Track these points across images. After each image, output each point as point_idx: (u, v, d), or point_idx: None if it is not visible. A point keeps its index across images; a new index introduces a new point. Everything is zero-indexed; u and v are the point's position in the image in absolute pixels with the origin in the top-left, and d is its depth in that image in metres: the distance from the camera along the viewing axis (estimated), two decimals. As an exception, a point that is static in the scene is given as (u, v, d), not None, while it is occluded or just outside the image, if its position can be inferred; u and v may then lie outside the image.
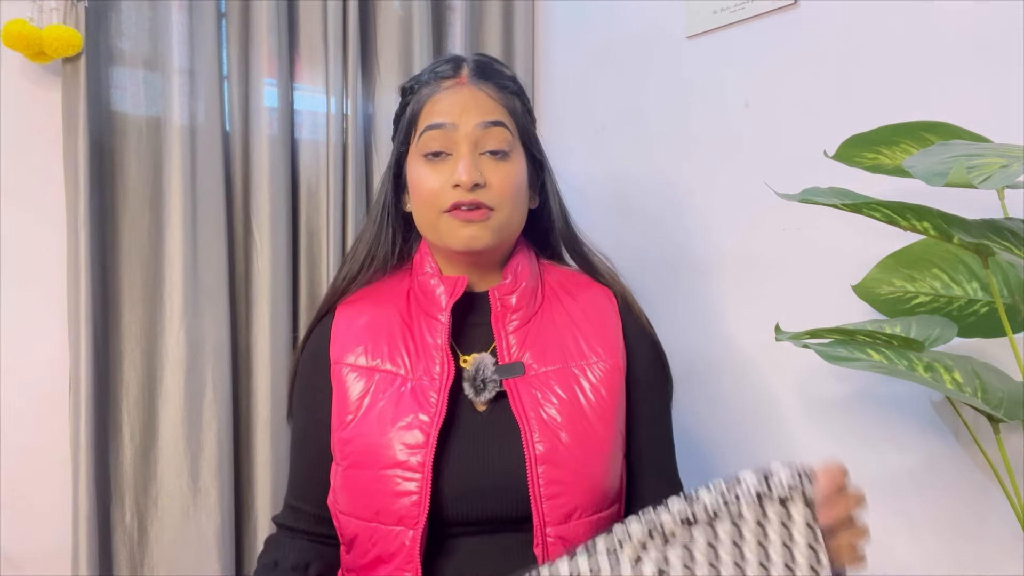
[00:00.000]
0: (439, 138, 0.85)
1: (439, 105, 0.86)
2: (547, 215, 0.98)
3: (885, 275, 0.99)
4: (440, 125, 0.85)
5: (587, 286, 0.97)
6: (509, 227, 0.89)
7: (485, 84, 0.88)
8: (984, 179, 0.61)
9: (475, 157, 0.85)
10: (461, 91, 0.87)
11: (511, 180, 0.86)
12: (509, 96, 0.89)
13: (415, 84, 0.91)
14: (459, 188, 0.84)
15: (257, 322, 1.36)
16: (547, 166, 0.96)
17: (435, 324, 0.90)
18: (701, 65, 1.32)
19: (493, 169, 0.85)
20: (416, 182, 0.88)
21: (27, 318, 1.24)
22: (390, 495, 0.83)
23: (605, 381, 0.88)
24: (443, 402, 0.85)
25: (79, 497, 1.20)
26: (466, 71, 0.89)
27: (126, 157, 1.28)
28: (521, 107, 0.91)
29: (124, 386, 1.28)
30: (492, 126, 0.85)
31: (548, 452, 0.83)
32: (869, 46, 1.08)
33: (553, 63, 1.64)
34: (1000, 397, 0.81)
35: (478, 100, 0.86)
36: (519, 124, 0.89)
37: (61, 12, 1.18)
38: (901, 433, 1.06)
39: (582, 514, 0.84)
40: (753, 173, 1.22)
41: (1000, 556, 0.96)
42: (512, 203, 0.87)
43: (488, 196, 0.85)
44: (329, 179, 1.40)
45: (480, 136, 0.85)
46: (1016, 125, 0.92)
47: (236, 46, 1.36)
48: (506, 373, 0.88)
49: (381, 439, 0.84)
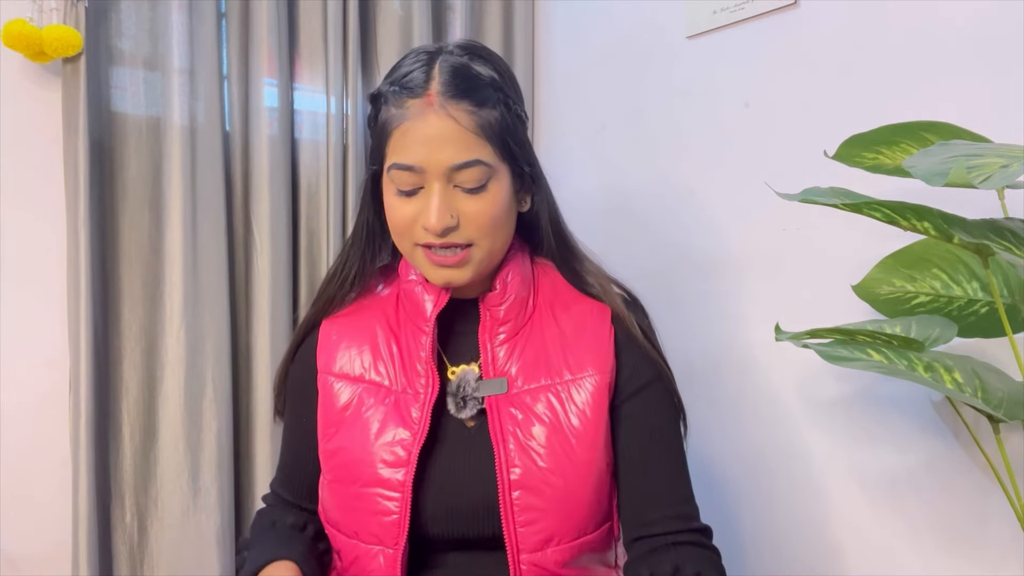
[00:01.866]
0: (408, 178, 0.79)
1: (407, 138, 0.78)
2: (537, 220, 0.91)
3: (885, 275, 0.98)
4: (408, 167, 0.78)
5: (580, 298, 0.92)
6: (492, 256, 0.84)
7: (457, 106, 0.77)
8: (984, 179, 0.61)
9: (446, 194, 0.78)
10: (428, 119, 0.77)
11: (488, 213, 0.80)
12: (487, 111, 0.78)
13: (386, 92, 0.81)
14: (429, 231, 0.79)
15: (257, 322, 1.36)
16: (537, 173, 0.88)
17: (420, 334, 0.87)
18: (701, 65, 1.32)
19: (468, 203, 0.79)
20: (389, 211, 0.83)
21: (27, 318, 1.24)
22: (370, 513, 0.82)
23: (592, 401, 0.84)
24: (426, 419, 0.83)
25: (79, 497, 1.20)
26: (435, 86, 0.77)
27: (126, 157, 1.28)
28: (504, 115, 0.80)
29: (124, 386, 1.28)
30: (465, 167, 0.77)
31: (523, 477, 0.80)
32: (869, 46, 1.08)
33: (553, 63, 1.64)
34: (1000, 397, 0.81)
35: (447, 133, 0.76)
36: (499, 143, 0.80)
37: (61, 12, 1.18)
38: (901, 433, 1.06)
39: (560, 540, 0.81)
40: (753, 173, 1.22)
41: (1000, 556, 0.96)
42: (492, 234, 0.82)
43: (463, 234, 0.80)
44: (329, 179, 1.41)
45: (452, 174, 0.78)
46: (1016, 125, 0.92)
47: (236, 46, 1.36)
48: (488, 390, 0.85)
49: (363, 455, 0.83)
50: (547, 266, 0.95)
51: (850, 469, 1.11)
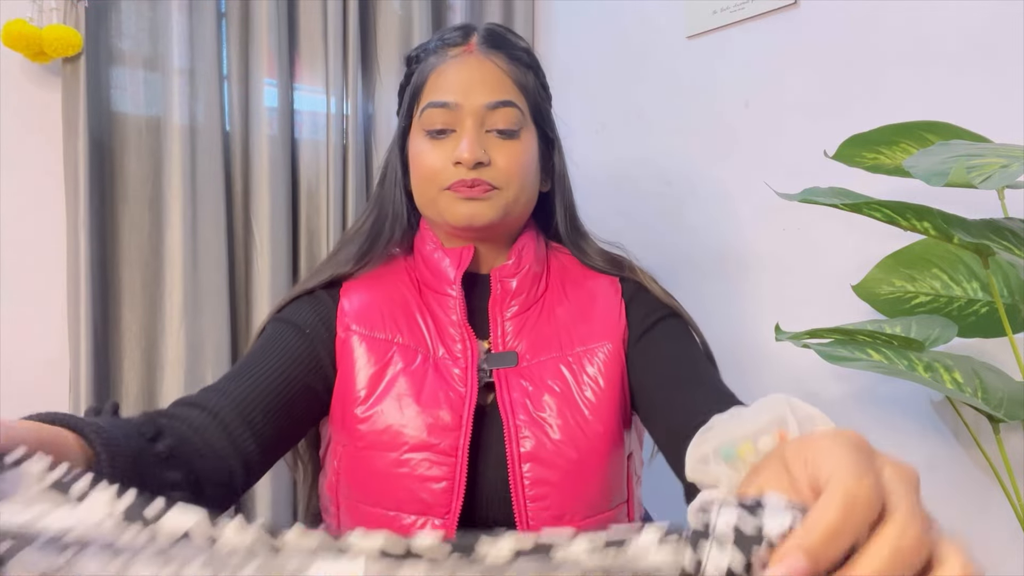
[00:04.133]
0: (442, 116, 0.80)
1: (443, 79, 0.81)
2: (552, 203, 0.91)
3: (885, 275, 0.99)
4: (443, 104, 0.79)
5: (592, 274, 0.91)
6: (516, 207, 0.83)
7: (495, 54, 0.82)
8: (984, 179, 0.62)
9: (480, 135, 0.79)
10: (468, 61, 0.81)
11: (519, 159, 0.80)
12: (522, 69, 0.83)
13: (421, 52, 0.86)
14: (460, 166, 0.79)
15: (257, 322, 1.36)
16: (559, 146, 0.89)
17: (446, 300, 0.84)
18: (701, 65, 1.32)
19: (499, 148, 0.80)
20: (416, 157, 0.82)
21: (27, 318, 1.24)
22: (417, 480, 0.76)
23: (605, 370, 0.81)
24: (473, 381, 0.78)
25: (79, 497, 1.20)
26: (475, 39, 0.83)
27: (126, 157, 1.28)
28: (535, 82, 0.85)
29: (124, 386, 1.28)
30: (500, 106, 0.79)
31: (535, 449, 0.77)
32: (869, 46, 1.08)
33: (553, 63, 1.64)
34: (1000, 397, 0.81)
35: (486, 74, 0.80)
36: (531, 101, 0.83)
37: (61, 12, 1.18)
38: (901, 433, 1.06)
39: (573, 518, 0.78)
40: (753, 173, 1.22)
41: (1000, 556, 0.96)
42: (520, 182, 0.81)
43: (492, 175, 0.80)
44: (329, 179, 1.41)
45: (486, 115, 0.79)
46: (1016, 125, 0.92)
47: (236, 46, 1.36)
48: (497, 363, 0.82)
49: (409, 419, 0.77)
50: (560, 249, 0.94)
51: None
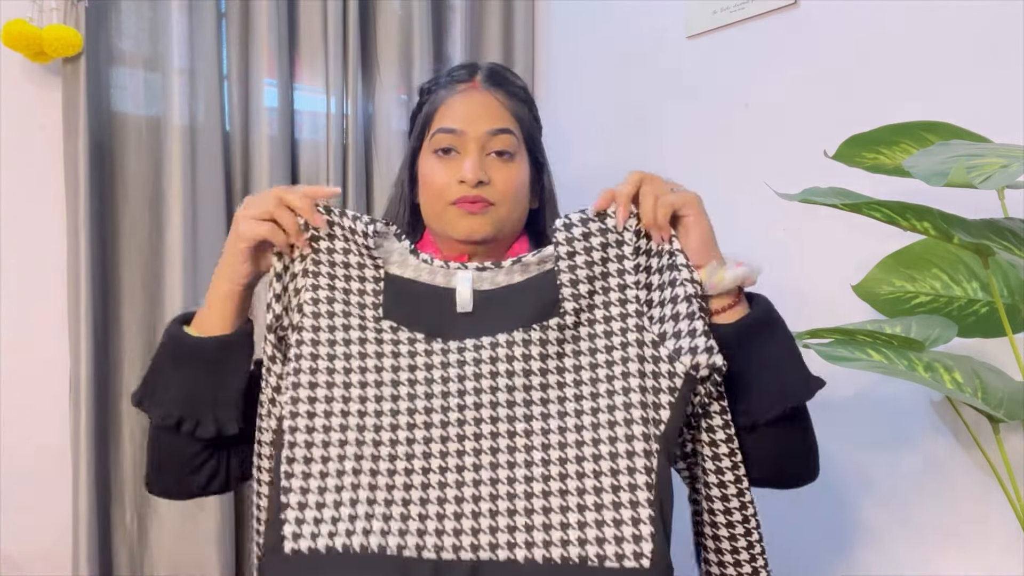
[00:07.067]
0: (449, 139, 0.90)
1: (451, 109, 0.92)
2: (543, 220, 0.99)
3: (885, 275, 0.99)
4: (451, 130, 0.90)
5: None
6: (509, 222, 0.92)
7: (496, 90, 0.93)
8: (984, 179, 0.62)
9: (481, 157, 0.90)
10: (473, 96, 0.92)
11: (513, 179, 0.91)
12: (518, 103, 0.94)
13: (432, 86, 0.97)
14: (464, 184, 0.89)
15: (256, 322, 1.36)
16: (548, 170, 1.00)
17: None
18: (701, 65, 1.32)
19: (497, 169, 0.90)
20: (426, 175, 0.93)
21: (27, 318, 1.24)
22: None
23: None
24: None
25: (79, 497, 1.20)
26: (480, 77, 0.94)
27: (126, 157, 1.28)
28: (529, 115, 0.96)
29: (124, 386, 1.28)
30: (499, 133, 0.90)
31: None
32: (869, 46, 1.08)
33: (553, 63, 1.64)
34: (1000, 397, 0.81)
35: (488, 106, 0.92)
36: (525, 131, 0.94)
37: (61, 12, 1.18)
38: (901, 433, 1.06)
39: None
40: (753, 173, 1.22)
41: (1000, 556, 0.96)
42: (513, 200, 0.91)
43: (490, 193, 0.89)
44: (329, 179, 1.41)
45: (487, 140, 0.90)
46: (1016, 125, 0.92)
47: (236, 46, 1.36)
48: None
49: None
50: None
51: (850, 469, 1.11)
